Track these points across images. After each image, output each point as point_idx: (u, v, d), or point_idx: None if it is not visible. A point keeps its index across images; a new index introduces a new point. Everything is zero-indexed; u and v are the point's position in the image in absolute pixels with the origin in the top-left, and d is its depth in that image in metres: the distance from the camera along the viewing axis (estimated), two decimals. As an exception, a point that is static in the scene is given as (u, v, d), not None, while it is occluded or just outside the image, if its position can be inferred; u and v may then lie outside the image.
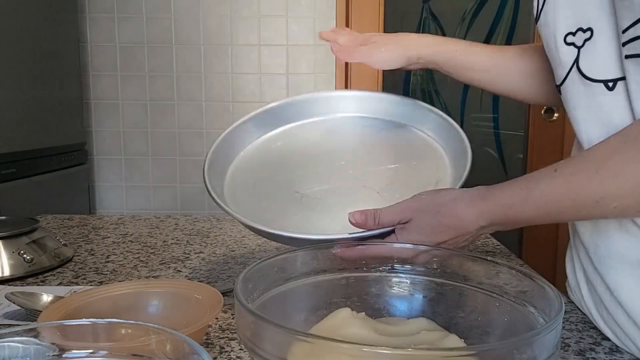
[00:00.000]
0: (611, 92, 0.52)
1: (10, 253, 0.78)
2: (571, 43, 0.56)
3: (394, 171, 0.75)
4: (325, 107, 0.83)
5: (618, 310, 0.56)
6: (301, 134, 0.82)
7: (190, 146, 2.23)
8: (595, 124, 0.54)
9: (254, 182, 0.75)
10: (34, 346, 0.34)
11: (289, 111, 0.83)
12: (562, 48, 0.57)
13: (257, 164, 0.78)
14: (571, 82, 0.57)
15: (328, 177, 0.76)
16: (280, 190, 0.74)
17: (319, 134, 0.82)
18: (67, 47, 1.98)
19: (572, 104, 0.57)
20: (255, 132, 0.82)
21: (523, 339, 0.34)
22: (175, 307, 0.56)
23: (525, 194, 0.54)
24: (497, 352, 0.33)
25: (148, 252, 0.92)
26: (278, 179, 0.76)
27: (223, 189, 0.73)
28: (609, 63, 0.52)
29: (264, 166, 0.78)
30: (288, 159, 0.79)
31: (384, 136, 0.80)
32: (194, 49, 2.18)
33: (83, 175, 2.09)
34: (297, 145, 0.80)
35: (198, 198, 2.25)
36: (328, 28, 2.16)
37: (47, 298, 0.64)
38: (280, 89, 2.20)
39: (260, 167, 0.77)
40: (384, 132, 0.81)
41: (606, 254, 0.57)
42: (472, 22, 2.30)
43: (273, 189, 0.75)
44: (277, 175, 0.76)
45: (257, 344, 0.36)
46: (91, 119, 2.22)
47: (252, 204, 0.71)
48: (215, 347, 0.56)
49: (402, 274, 0.51)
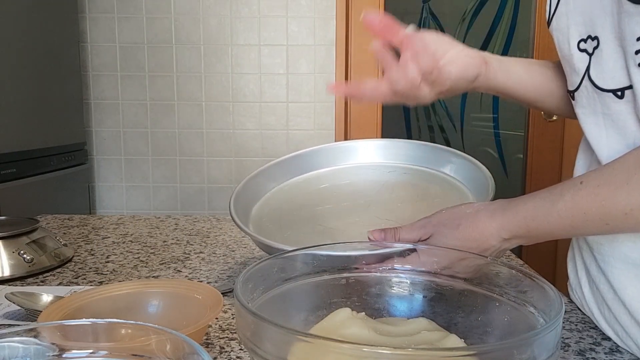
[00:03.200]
0: (622, 100, 0.53)
1: (10, 253, 0.78)
2: (584, 50, 0.56)
3: (417, 207, 0.77)
4: (348, 155, 0.88)
5: (621, 309, 0.56)
6: (325, 178, 0.87)
7: (190, 146, 2.23)
8: (613, 131, 0.55)
9: (279, 216, 0.79)
10: (34, 346, 0.34)
11: (313, 159, 0.89)
12: (576, 54, 0.57)
13: (283, 202, 0.82)
14: (585, 89, 0.57)
15: (350, 213, 0.79)
16: (304, 223, 0.77)
17: (343, 178, 0.86)
18: (67, 47, 1.98)
19: (587, 110, 0.57)
20: (281, 177, 0.87)
21: (523, 339, 0.34)
22: (175, 307, 0.56)
23: (549, 206, 0.53)
24: (497, 352, 0.33)
25: (148, 252, 0.92)
26: (302, 215, 0.80)
27: (248, 221, 0.77)
28: (614, 72, 0.52)
29: (289, 204, 0.82)
30: (312, 199, 0.83)
31: (406, 179, 0.84)
32: (194, 49, 2.18)
33: (83, 175, 2.09)
34: (322, 188, 0.85)
35: (198, 198, 2.25)
36: (328, 32, 2.17)
37: (47, 298, 0.64)
38: (280, 89, 2.20)
39: (286, 204, 0.82)
40: (405, 176, 0.84)
41: (610, 253, 0.57)
42: (472, 22, 2.30)
43: (297, 222, 0.78)
44: (301, 211, 0.80)
45: (257, 344, 0.36)
46: (91, 119, 2.22)
47: (275, 234, 0.74)
48: (215, 347, 0.56)
49: (402, 274, 0.51)
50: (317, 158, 0.88)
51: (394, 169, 0.85)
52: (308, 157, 0.89)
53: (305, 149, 0.90)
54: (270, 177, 0.86)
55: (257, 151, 2.23)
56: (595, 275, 0.61)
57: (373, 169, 0.86)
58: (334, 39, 2.17)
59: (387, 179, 0.84)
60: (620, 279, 0.56)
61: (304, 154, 0.89)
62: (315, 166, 0.88)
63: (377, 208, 0.79)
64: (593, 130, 0.57)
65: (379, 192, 0.83)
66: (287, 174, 0.87)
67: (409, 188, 0.82)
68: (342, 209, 0.81)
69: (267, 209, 0.81)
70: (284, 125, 2.22)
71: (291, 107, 2.21)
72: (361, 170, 0.86)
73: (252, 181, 0.83)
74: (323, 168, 0.88)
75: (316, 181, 0.86)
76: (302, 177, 0.87)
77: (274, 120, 2.22)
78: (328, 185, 0.86)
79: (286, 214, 0.80)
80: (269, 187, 0.85)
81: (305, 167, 0.88)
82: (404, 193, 0.82)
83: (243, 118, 2.22)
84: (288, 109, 2.21)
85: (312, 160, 0.88)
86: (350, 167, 0.87)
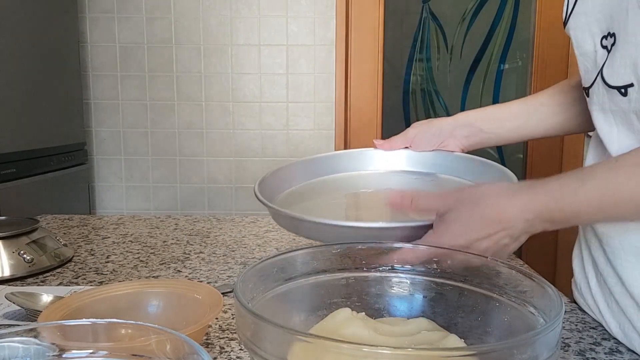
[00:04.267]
0: (625, 98, 0.53)
1: (10, 253, 0.78)
2: (605, 46, 0.56)
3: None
4: (373, 160, 0.89)
5: (628, 302, 0.56)
6: (347, 181, 0.87)
7: (190, 146, 2.23)
8: (623, 127, 0.55)
9: (301, 204, 0.80)
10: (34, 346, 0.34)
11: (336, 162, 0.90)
12: (599, 51, 0.57)
13: (305, 198, 0.83)
14: (597, 86, 0.57)
15: (372, 211, 0.81)
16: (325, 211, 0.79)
17: (368, 179, 0.87)
18: (67, 47, 1.98)
19: (598, 107, 0.57)
20: (303, 176, 0.86)
21: (523, 339, 0.34)
22: (175, 307, 0.56)
23: (577, 185, 0.50)
24: (497, 352, 0.33)
25: (148, 252, 0.92)
26: (323, 205, 0.82)
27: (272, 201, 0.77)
28: (621, 69, 0.53)
29: (311, 199, 0.83)
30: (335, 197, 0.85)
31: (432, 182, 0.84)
32: (194, 49, 2.18)
33: (83, 175, 2.09)
34: (346, 185, 0.86)
35: (198, 198, 2.25)
36: (328, 32, 2.16)
37: (47, 298, 0.64)
38: (280, 89, 2.20)
39: (308, 199, 0.82)
40: (432, 183, 0.85)
41: (619, 246, 0.57)
42: (472, 22, 2.30)
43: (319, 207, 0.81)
44: (323, 203, 0.82)
45: (257, 344, 0.36)
46: (91, 119, 2.22)
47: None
48: (215, 347, 0.56)
49: (402, 274, 0.51)
50: (343, 161, 0.89)
51: (420, 176, 0.85)
52: (332, 160, 0.90)
53: (330, 152, 0.93)
54: (294, 174, 0.86)
55: (257, 151, 2.23)
56: (603, 268, 0.61)
57: (400, 175, 0.86)
58: (334, 39, 2.17)
59: (414, 183, 0.84)
60: (629, 271, 0.56)
61: (327, 157, 0.90)
62: (341, 169, 0.88)
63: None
64: (604, 126, 0.57)
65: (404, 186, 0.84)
66: (308, 174, 0.87)
67: (435, 186, 0.83)
68: (362, 207, 0.83)
69: (291, 199, 0.82)
70: (284, 125, 2.22)
71: (291, 107, 2.21)
72: (388, 175, 0.87)
73: (280, 172, 0.84)
74: (349, 171, 0.88)
75: (338, 181, 0.87)
76: (324, 179, 0.87)
77: (274, 120, 2.22)
78: (350, 184, 0.86)
79: (305, 205, 0.81)
80: (293, 183, 0.85)
81: (329, 169, 0.88)
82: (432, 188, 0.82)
83: (243, 118, 2.22)
84: (288, 109, 2.21)
85: (337, 163, 0.89)
86: (376, 173, 0.87)
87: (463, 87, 2.32)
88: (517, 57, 2.33)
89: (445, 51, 2.33)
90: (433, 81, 2.34)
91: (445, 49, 2.33)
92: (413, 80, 2.36)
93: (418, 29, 2.32)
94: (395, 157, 0.86)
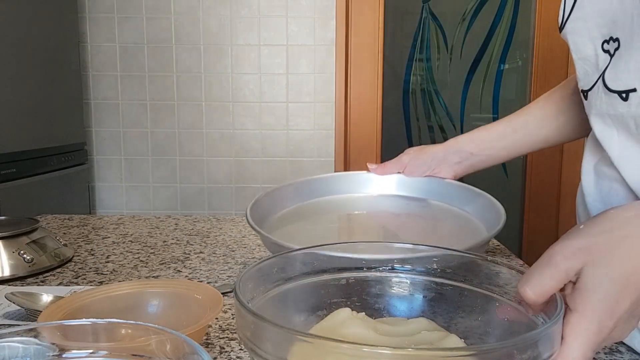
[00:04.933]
0: (625, 102, 0.53)
1: (10, 253, 0.78)
2: (607, 50, 0.56)
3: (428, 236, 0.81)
4: (367, 184, 0.91)
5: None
6: (339, 203, 0.90)
7: (190, 146, 2.23)
8: (623, 130, 0.55)
9: (292, 228, 0.82)
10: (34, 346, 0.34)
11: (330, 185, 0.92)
12: (601, 55, 0.57)
13: (297, 220, 0.84)
14: (597, 89, 0.57)
15: (365, 235, 0.83)
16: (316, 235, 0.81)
17: (360, 202, 0.90)
18: (67, 47, 1.98)
19: (595, 110, 0.58)
20: (295, 199, 0.88)
21: (523, 339, 0.34)
22: (175, 307, 0.56)
23: None
24: (497, 352, 0.33)
25: (148, 252, 0.92)
26: (314, 229, 0.83)
27: (262, 225, 0.77)
28: (624, 74, 0.53)
29: (303, 221, 0.84)
30: (328, 220, 0.87)
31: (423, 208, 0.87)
32: (194, 49, 2.18)
33: (83, 175, 2.09)
34: (339, 207, 0.89)
35: (198, 198, 2.25)
36: (328, 32, 2.17)
37: (47, 298, 0.64)
38: (280, 89, 2.20)
39: (300, 221, 0.84)
40: (424, 208, 0.87)
41: None
42: (472, 22, 2.30)
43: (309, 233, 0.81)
44: (314, 227, 0.83)
45: (257, 344, 0.36)
46: (91, 119, 2.22)
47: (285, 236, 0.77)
48: (215, 347, 0.56)
49: (402, 274, 0.51)
50: (337, 184, 0.91)
51: (411, 201, 0.88)
52: (326, 183, 0.91)
53: (324, 175, 0.94)
54: (287, 195, 0.87)
55: (257, 151, 2.23)
56: None
57: (391, 199, 0.89)
58: (334, 39, 2.17)
59: (404, 209, 0.87)
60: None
61: (321, 180, 0.92)
62: (334, 191, 0.90)
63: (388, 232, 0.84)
64: (603, 129, 0.57)
65: (394, 219, 0.87)
66: (302, 196, 0.88)
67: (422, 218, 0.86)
68: (355, 229, 0.85)
69: (283, 223, 0.82)
70: (284, 125, 2.22)
71: (291, 107, 2.21)
72: (380, 199, 0.89)
73: (273, 194, 0.85)
74: (342, 194, 0.90)
75: (331, 204, 0.88)
76: (317, 201, 0.89)
77: (274, 120, 2.22)
78: (342, 206, 0.89)
79: (298, 226, 0.82)
80: (285, 205, 0.86)
81: (322, 191, 0.90)
82: (422, 222, 0.85)
83: (243, 118, 2.22)
84: (288, 109, 2.21)
85: (330, 186, 0.91)
86: (369, 196, 0.90)
87: (463, 87, 2.32)
88: (517, 57, 2.33)
89: (445, 51, 2.33)
90: (433, 81, 2.34)
91: (445, 49, 2.33)
92: (413, 80, 2.36)
93: (418, 29, 2.32)
94: (388, 181, 0.89)
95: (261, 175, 2.24)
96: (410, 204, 0.86)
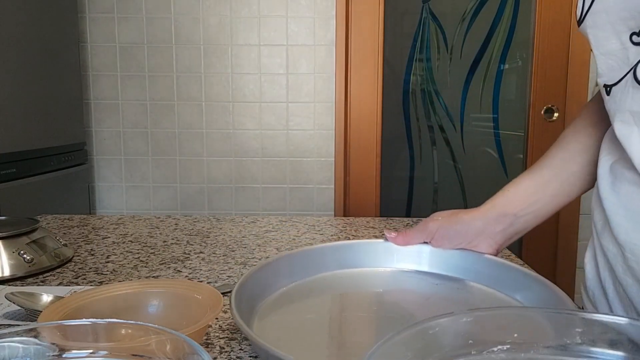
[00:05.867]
0: None
1: (10, 253, 0.78)
2: (638, 43, 0.54)
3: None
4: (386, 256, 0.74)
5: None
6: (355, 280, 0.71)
7: (190, 146, 2.23)
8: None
9: (289, 322, 0.61)
10: (34, 346, 0.34)
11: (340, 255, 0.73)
12: (631, 48, 0.54)
13: (297, 304, 0.65)
14: (624, 83, 0.55)
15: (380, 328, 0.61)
16: (318, 332, 0.59)
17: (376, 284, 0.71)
18: (67, 47, 1.98)
19: (617, 106, 0.55)
20: (297, 273, 0.69)
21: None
22: (175, 307, 0.56)
23: None
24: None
25: (148, 252, 0.92)
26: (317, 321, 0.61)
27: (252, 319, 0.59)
28: None
29: (304, 306, 0.64)
30: (334, 304, 0.67)
31: (458, 295, 0.67)
32: (194, 49, 2.18)
33: (83, 175, 2.10)
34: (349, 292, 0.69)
35: (198, 198, 2.25)
36: (328, 32, 2.17)
37: (47, 298, 0.64)
38: (280, 89, 2.20)
39: (300, 307, 0.64)
40: (458, 292, 0.68)
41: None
42: (472, 22, 2.30)
43: (310, 329, 0.59)
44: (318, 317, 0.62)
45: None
46: (91, 119, 2.22)
47: (280, 342, 0.56)
48: (215, 347, 0.56)
49: None
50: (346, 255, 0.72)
51: (443, 281, 0.69)
52: (333, 253, 0.72)
53: (329, 244, 0.74)
54: (283, 272, 0.67)
55: (257, 151, 2.23)
56: (622, 278, 0.58)
57: (417, 277, 0.71)
58: (334, 39, 2.17)
59: (433, 291, 0.68)
60: None
61: (327, 249, 0.72)
62: (342, 265, 0.72)
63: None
64: (624, 127, 0.55)
65: (421, 306, 0.66)
66: (305, 270, 0.69)
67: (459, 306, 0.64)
68: (370, 321, 0.62)
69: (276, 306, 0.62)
70: (284, 125, 2.22)
71: (291, 107, 2.21)
72: (401, 277, 0.71)
73: (265, 270, 0.65)
74: (351, 268, 0.72)
75: (341, 282, 0.69)
76: (323, 276, 0.70)
77: (274, 120, 2.22)
78: (358, 289, 0.69)
79: (298, 319, 0.61)
80: (282, 284, 0.66)
81: (329, 264, 0.71)
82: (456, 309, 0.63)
83: (243, 118, 2.22)
84: (288, 109, 2.21)
85: (337, 257, 0.72)
86: (388, 271, 0.72)
87: (463, 87, 2.32)
88: (517, 57, 2.33)
89: (445, 51, 2.33)
90: (433, 81, 2.34)
91: (445, 49, 2.33)
92: (413, 80, 2.36)
93: (418, 29, 2.32)
94: (411, 253, 0.72)
95: (261, 175, 2.24)
96: (442, 285, 0.68)
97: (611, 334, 0.34)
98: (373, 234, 1.05)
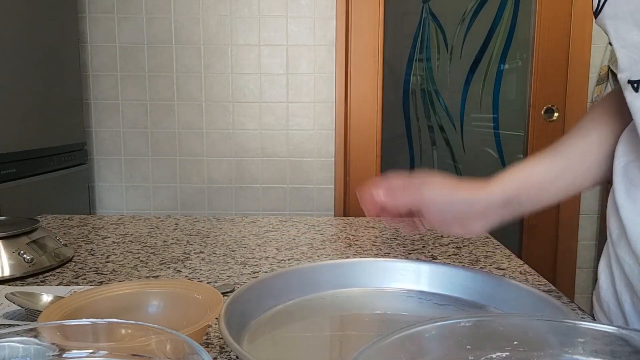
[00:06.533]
0: None
1: (10, 253, 0.78)
2: None
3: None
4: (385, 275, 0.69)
5: None
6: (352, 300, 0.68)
7: (190, 146, 2.23)
8: None
9: (283, 342, 0.58)
10: (34, 346, 0.34)
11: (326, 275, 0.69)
12: None
13: (291, 324, 0.62)
14: None
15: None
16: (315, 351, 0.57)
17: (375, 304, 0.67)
18: (67, 47, 1.98)
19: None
20: (293, 292, 0.66)
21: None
22: (175, 307, 0.56)
23: None
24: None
25: (148, 252, 0.92)
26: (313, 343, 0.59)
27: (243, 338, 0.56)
28: None
29: (298, 326, 0.62)
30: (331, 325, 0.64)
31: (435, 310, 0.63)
32: (194, 49, 2.18)
33: (83, 175, 2.09)
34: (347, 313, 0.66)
35: (198, 198, 2.25)
36: (328, 32, 2.16)
37: (47, 298, 0.64)
38: (280, 89, 2.20)
39: (294, 327, 0.61)
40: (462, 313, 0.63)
41: None
42: (472, 22, 2.30)
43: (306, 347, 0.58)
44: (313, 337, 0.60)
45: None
46: (91, 119, 2.22)
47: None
48: (215, 347, 0.56)
49: None
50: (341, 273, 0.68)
51: (447, 302, 0.64)
52: (328, 272, 0.69)
53: (326, 262, 0.70)
54: (275, 291, 0.64)
55: (257, 151, 2.23)
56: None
57: (418, 298, 0.67)
58: (334, 39, 2.17)
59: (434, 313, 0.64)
60: None
61: (325, 267, 0.69)
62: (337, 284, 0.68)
63: None
64: None
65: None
66: (301, 289, 0.66)
67: None
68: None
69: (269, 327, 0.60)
70: (284, 125, 2.22)
71: (291, 107, 2.21)
72: (400, 298, 0.67)
73: (257, 287, 0.63)
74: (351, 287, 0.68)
75: (339, 302, 0.66)
76: (319, 295, 0.67)
77: (274, 120, 2.22)
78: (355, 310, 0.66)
79: (293, 339, 0.59)
80: (272, 304, 0.63)
81: (326, 283, 0.68)
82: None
83: (243, 118, 2.22)
84: (288, 109, 2.21)
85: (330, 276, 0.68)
86: (387, 292, 0.68)
87: (463, 87, 2.32)
88: (517, 57, 2.33)
89: (445, 51, 2.33)
90: (433, 81, 2.34)
91: (445, 49, 2.33)
92: (413, 80, 2.36)
93: (418, 29, 2.32)
94: (412, 273, 0.67)
95: (261, 175, 2.24)
96: (445, 307, 0.63)
97: (614, 345, 0.33)
98: (373, 234, 1.05)
